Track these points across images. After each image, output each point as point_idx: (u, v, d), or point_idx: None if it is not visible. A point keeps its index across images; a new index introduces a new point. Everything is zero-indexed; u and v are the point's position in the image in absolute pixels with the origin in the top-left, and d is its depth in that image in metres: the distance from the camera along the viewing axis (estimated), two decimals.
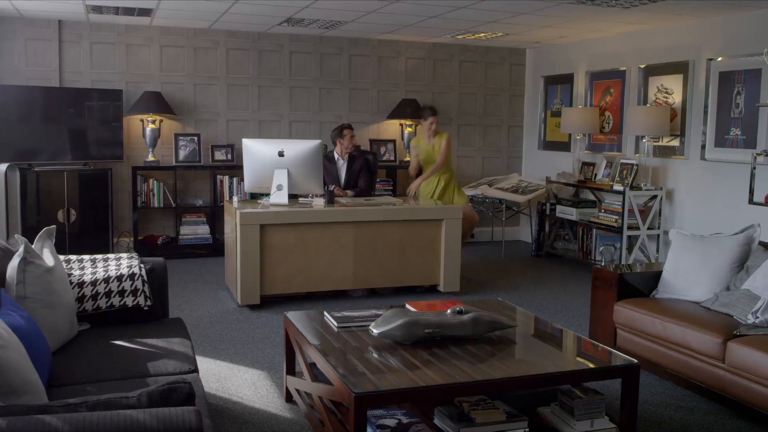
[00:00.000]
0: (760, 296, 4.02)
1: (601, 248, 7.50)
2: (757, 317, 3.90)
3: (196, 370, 3.14)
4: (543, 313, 5.88)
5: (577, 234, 7.95)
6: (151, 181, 7.82)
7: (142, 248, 7.77)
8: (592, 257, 7.62)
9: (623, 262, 7.06)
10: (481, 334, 3.40)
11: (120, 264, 3.89)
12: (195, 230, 7.96)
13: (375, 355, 3.22)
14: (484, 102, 9.27)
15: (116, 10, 6.93)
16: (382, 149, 8.68)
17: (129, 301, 3.73)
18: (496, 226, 9.20)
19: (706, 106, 6.69)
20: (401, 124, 8.72)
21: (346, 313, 3.76)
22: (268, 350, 4.82)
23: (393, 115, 8.64)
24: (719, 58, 6.57)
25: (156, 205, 7.87)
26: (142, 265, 3.86)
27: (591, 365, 3.14)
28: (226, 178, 7.99)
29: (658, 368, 4.26)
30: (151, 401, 2.06)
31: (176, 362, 3.18)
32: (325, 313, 3.80)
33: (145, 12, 7.00)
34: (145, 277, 3.81)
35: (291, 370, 3.87)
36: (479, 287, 6.73)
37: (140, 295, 3.76)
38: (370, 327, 3.36)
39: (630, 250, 7.19)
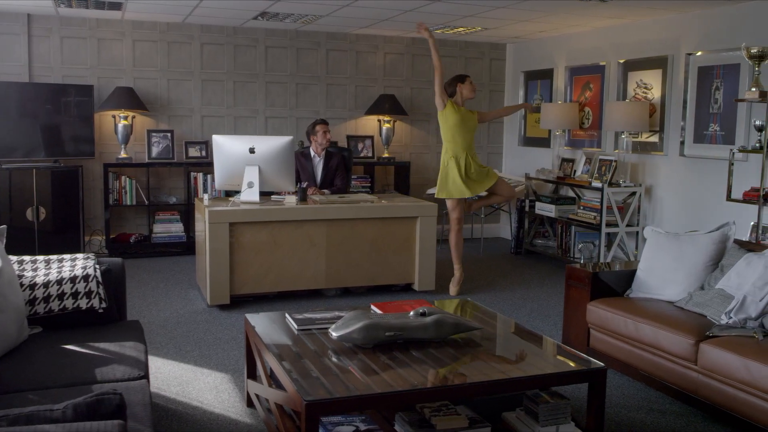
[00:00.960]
0: (733, 296, 3.92)
1: (579, 246, 7.40)
2: (731, 317, 3.81)
3: (145, 377, 3.02)
4: (518, 312, 5.78)
5: (556, 231, 7.85)
6: (123, 178, 7.67)
7: (115, 247, 7.62)
8: (571, 255, 7.54)
9: (602, 259, 6.98)
10: (444, 336, 3.29)
11: (75, 265, 3.75)
12: (168, 228, 7.82)
13: (333, 360, 3.11)
14: None
15: (86, 4, 6.77)
16: (360, 145, 8.56)
17: (83, 303, 3.60)
18: (475, 224, 9.10)
19: (685, 102, 6.61)
20: (379, 120, 8.60)
21: (307, 315, 3.65)
22: (234, 352, 4.70)
23: (371, 111, 8.52)
24: (698, 53, 6.48)
25: (128, 202, 7.72)
26: (97, 266, 3.73)
27: (556, 369, 3.04)
28: (200, 175, 7.85)
29: (631, 369, 4.16)
30: (76, 414, 1.95)
31: (126, 368, 3.05)
32: (287, 314, 3.69)
33: (115, 5, 6.84)
34: (100, 279, 3.67)
35: (252, 374, 3.75)
36: None
37: (94, 297, 3.63)
38: (329, 330, 3.24)
39: (609, 247, 7.11)
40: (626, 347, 4.17)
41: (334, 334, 3.19)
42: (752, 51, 5.47)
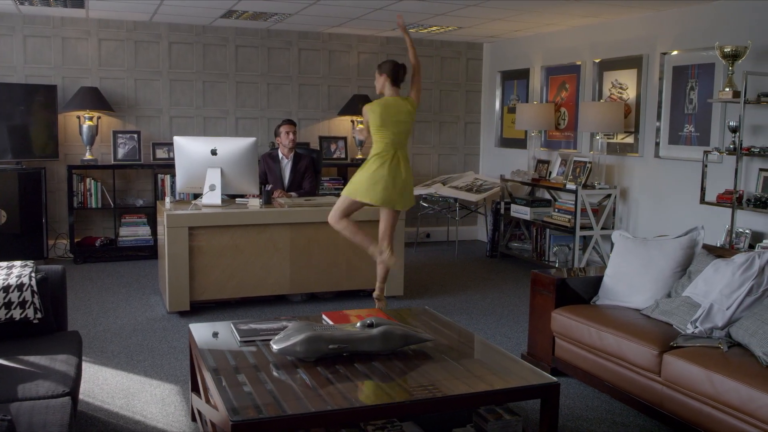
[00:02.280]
0: (700, 304, 3.78)
1: (554, 249, 7.26)
2: (697, 327, 3.66)
3: (70, 393, 2.83)
4: (487, 319, 5.63)
5: (531, 234, 7.70)
6: (88, 180, 7.47)
7: (80, 251, 7.42)
8: (546, 258, 7.38)
9: (576, 263, 6.83)
10: (393, 349, 3.13)
11: (10, 273, 3.57)
12: (135, 231, 7.62)
13: (273, 374, 2.94)
14: (439, 97, 9.00)
15: (47, 2, 6.58)
16: (333, 146, 8.39)
17: (16, 313, 3.43)
18: (451, 226, 8.94)
19: (660, 102, 6.47)
20: (353, 121, 8.43)
21: (252, 326, 3.48)
22: (187, 362, 4.51)
23: (344, 112, 8.34)
24: (673, 52, 6.34)
25: (94, 205, 7.51)
26: (33, 275, 3.55)
27: (507, 385, 2.87)
28: (167, 177, 7.65)
29: (595, 380, 4.01)
30: None
31: (51, 384, 2.87)
32: (231, 325, 3.51)
33: (78, 3, 6.64)
34: (35, 288, 3.50)
35: (196, 388, 3.57)
36: (425, 290, 6.46)
37: (29, 308, 3.45)
38: (270, 343, 3.07)
39: (584, 250, 6.96)
40: (591, 357, 4.01)
41: (275, 347, 3.02)
42: (726, 50, 5.35)
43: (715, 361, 3.31)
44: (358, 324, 3.15)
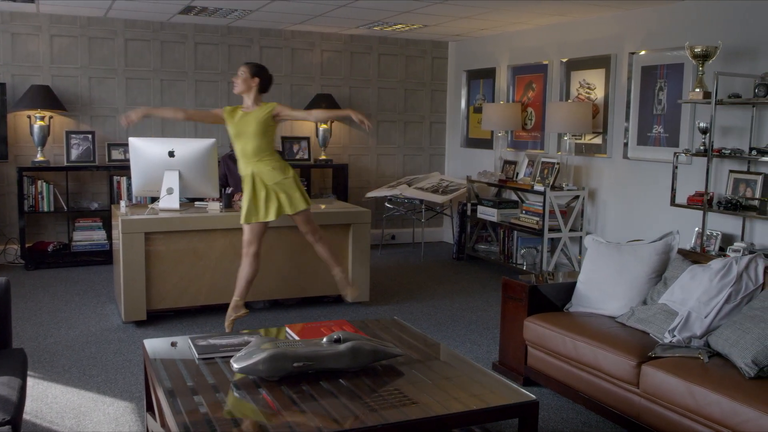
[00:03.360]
0: (677, 312, 3.66)
1: (522, 251, 7.14)
2: (674, 336, 3.55)
3: (11, 422, 2.60)
4: (456, 325, 5.48)
5: (498, 236, 7.58)
6: (39, 183, 7.16)
7: (32, 256, 7.11)
8: (514, 260, 7.26)
9: (545, 265, 6.72)
10: (361, 366, 2.95)
11: None
12: (90, 236, 7.33)
13: (235, 395, 2.74)
14: (404, 97, 8.84)
15: None
16: (296, 147, 8.18)
17: None
18: (416, 228, 8.79)
19: (628, 102, 6.38)
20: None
21: (212, 341, 3.27)
22: (143, 376, 4.28)
23: None
24: (641, 52, 6.26)
25: (46, 209, 7.20)
26: None
27: (484, 405, 2.71)
28: (124, 180, 7.38)
29: (570, 391, 3.87)
30: None
31: None
32: (190, 340, 3.30)
33: None
34: None
35: (151, 407, 3.35)
36: (391, 296, 6.29)
37: None
38: (231, 361, 2.87)
39: (552, 252, 6.85)
40: (565, 367, 3.88)
41: (236, 366, 2.82)
42: (696, 50, 5.26)
43: (696, 373, 3.19)
44: (325, 339, 2.97)
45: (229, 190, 5.79)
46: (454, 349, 4.82)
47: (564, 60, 7.12)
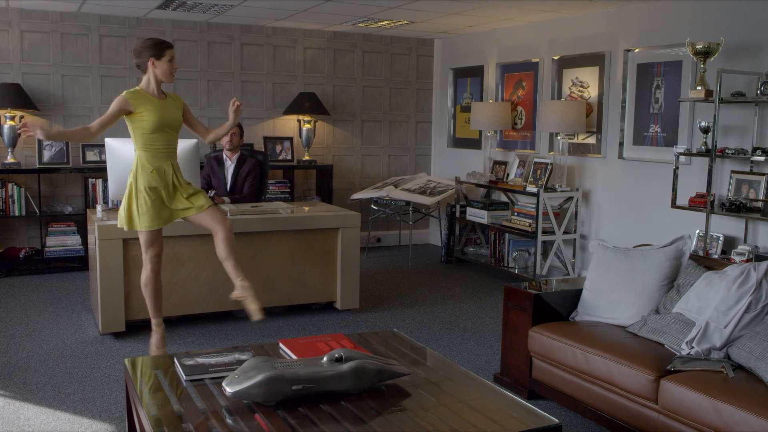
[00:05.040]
0: (694, 322, 3.46)
1: (514, 254, 6.93)
2: (692, 347, 3.34)
3: None
4: (451, 334, 5.25)
5: (489, 238, 7.36)
6: (10, 186, 6.83)
7: (3, 263, 6.78)
8: (505, 264, 7.05)
9: (538, 269, 6.51)
10: (365, 387, 2.71)
11: None
12: (64, 241, 7.01)
13: (228, 421, 2.49)
14: (389, 96, 8.60)
15: None
16: (278, 147, 7.91)
17: None
18: (403, 230, 8.56)
19: (623, 101, 6.20)
20: (299, 120, 7.96)
21: (200, 360, 3.01)
22: (123, 394, 4.01)
23: (290, 110, 7.87)
24: (637, 49, 6.07)
25: (17, 213, 6.87)
26: None
27: (503, 430, 2.48)
28: (99, 182, 7.06)
29: (579, 406, 3.66)
30: None
31: None
32: (176, 359, 3.04)
33: None
34: None
35: (134, 430, 3.09)
36: (381, 302, 6.05)
37: None
38: (223, 384, 2.62)
39: (545, 255, 6.65)
40: (574, 380, 3.66)
41: (229, 390, 2.57)
42: (698, 47, 5.09)
43: (720, 388, 2.98)
44: (325, 358, 2.72)
45: (211, 193, 5.52)
46: (452, 361, 4.61)
47: (555, 57, 6.92)
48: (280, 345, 3.23)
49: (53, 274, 6.87)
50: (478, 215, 7.24)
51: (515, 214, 6.83)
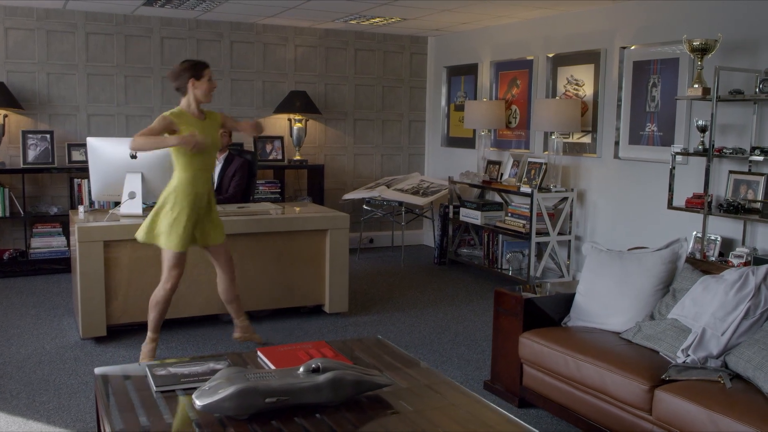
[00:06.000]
0: (690, 328, 3.33)
1: (508, 256, 6.80)
2: (689, 355, 3.21)
3: None
4: (442, 338, 5.12)
5: (482, 240, 7.22)
6: None
7: None
8: (499, 265, 6.92)
9: (532, 271, 6.38)
10: (343, 399, 2.57)
11: None
12: (49, 242, 6.87)
13: None
14: (382, 94, 8.46)
15: None
16: (269, 147, 7.77)
17: None
18: (396, 231, 8.42)
19: (619, 100, 6.06)
20: (290, 119, 7.82)
21: (172, 369, 2.87)
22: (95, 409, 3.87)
23: (280, 109, 7.73)
24: (633, 47, 5.94)
25: (1, 214, 6.73)
26: None
27: None
28: (85, 182, 6.92)
29: (570, 415, 3.53)
30: None
31: None
32: (147, 368, 2.90)
33: None
34: None
35: None
36: (371, 305, 5.92)
37: None
38: (193, 397, 2.49)
39: (539, 257, 6.52)
40: (566, 388, 3.53)
41: (199, 403, 2.43)
42: (695, 43, 4.96)
43: (717, 399, 2.85)
44: (301, 369, 2.59)
45: None
46: (441, 366, 4.48)
47: (550, 55, 6.79)
48: (258, 353, 3.10)
49: (38, 276, 6.73)
50: (471, 216, 7.11)
51: (509, 214, 6.69)
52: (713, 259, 5.06)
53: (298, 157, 7.80)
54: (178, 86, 4.38)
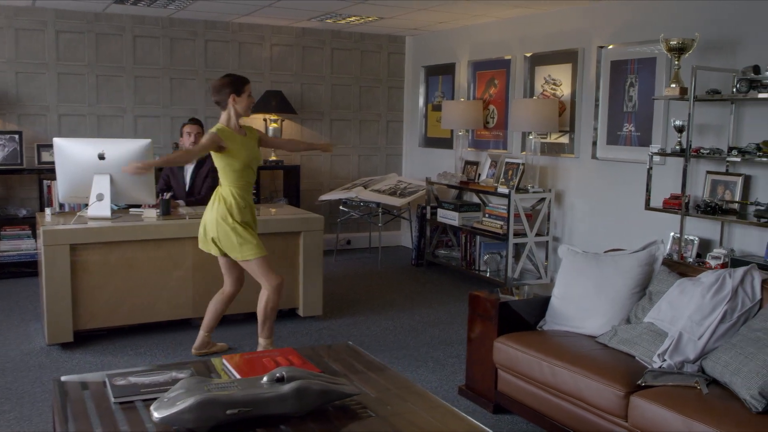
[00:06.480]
0: (666, 332, 3.27)
1: (485, 257, 6.73)
2: (665, 360, 3.15)
3: None
4: (417, 341, 5.04)
5: (460, 241, 7.15)
6: None
7: None
8: (477, 267, 6.85)
9: (510, 272, 6.31)
10: (308, 409, 2.48)
11: None
12: (18, 245, 6.72)
13: None
14: (359, 94, 8.37)
15: None
16: None
17: None
18: (373, 232, 8.34)
19: (597, 100, 6.01)
20: (266, 119, 7.71)
21: (133, 379, 2.77)
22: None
23: (256, 109, 7.58)
24: (611, 46, 5.89)
25: None
26: None
27: None
28: (54, 184, 6.78)
29: (546, 421, 3.46)
30: None
31: None
32: (107, 378, 2.80)
33: None
34: None
35: None
36: (346, 308, 5.83)
37: None
38: (151, 409, 2.39)
39: (517, 258, 6.46)
40: (541, 394, 3.46)
41: (157, 415, 2.33)
42: (672, 43, 4.91)
43: (694, 406, 2.79)
44: (265, 378, 2.50)
45: (167, 196, 5.26)
46: (416, 371, 4.40)
47: (528, 55, 6.73)
48: (224, 362, 3.00)
49: (6, 279, 6.57)
50: (449, 217, 7.03)
51: (487, 215, 6.63)
52: (691, 260, 5.01)
53: (273, 158, 7.69)
54: (218, 101, 4.37)
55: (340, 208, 7.85)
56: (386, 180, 7.95)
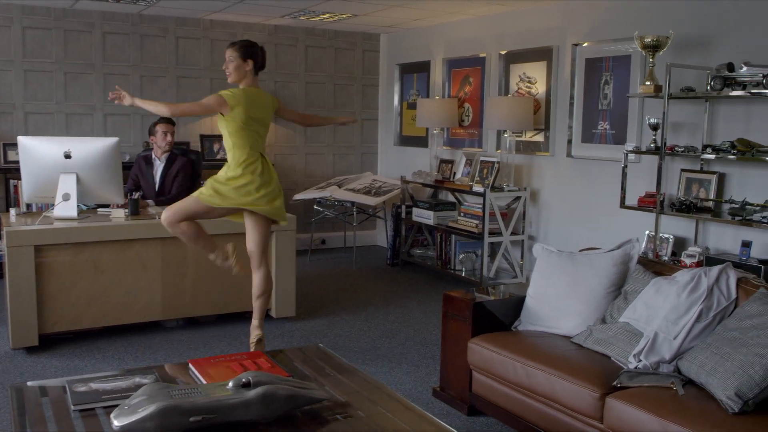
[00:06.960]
0: (642, 332, 3.23)
1: (461, 256, 6.68)
2: (640, 360, 3.11)
3: None
4: (392, 342, 4.97)
5: (435, 240, 7.09)
6: None
7: None
8: (452, 266, 6.79)
9: (485, 271, 6.27)
10: (275, 415, 2.40)
11: None
12: None
13: None
14: (334, 92, 8.29)
15: None
16: (216, 146, 7.55)
17: None
18: (348, 231, 8.26)
19: (571, 97, 5.98)
20: None
21: (94, 386, 2.67)
22: None
23: None
24: (585, 44, 5.86)
25: None
26: None
27: None
28: (20, 183, 6.62)
29: (521, 424, 3.40)
30: None
31: None
32: (67, 384, 2.70)
33: None
34: None
35: None
36: (320, 309, 5.74)
37: None
38: (111, 417, 2.30)
39: (493, 257, 6.41)
40: (516, 396, 3.40)
41: (117, 423, 2.24)
42: (646, 40, 4.87)
43: (670, 407, 2.75)
44: (231, 383, 2.41)
45: (135, 195, 5.15)
46: (390, 373, 4.33)
47: (503, 52, 6.69)
48: (190, 366, 2.91)
49: None
50: (424, 216, 6.98)
51: (462, 214, 6.58)
52: (666, 258, 4.99)
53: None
54: (243, 56, 4.54)
55: (315, 207, 7.76)
56: (361, 179, 7.87)
